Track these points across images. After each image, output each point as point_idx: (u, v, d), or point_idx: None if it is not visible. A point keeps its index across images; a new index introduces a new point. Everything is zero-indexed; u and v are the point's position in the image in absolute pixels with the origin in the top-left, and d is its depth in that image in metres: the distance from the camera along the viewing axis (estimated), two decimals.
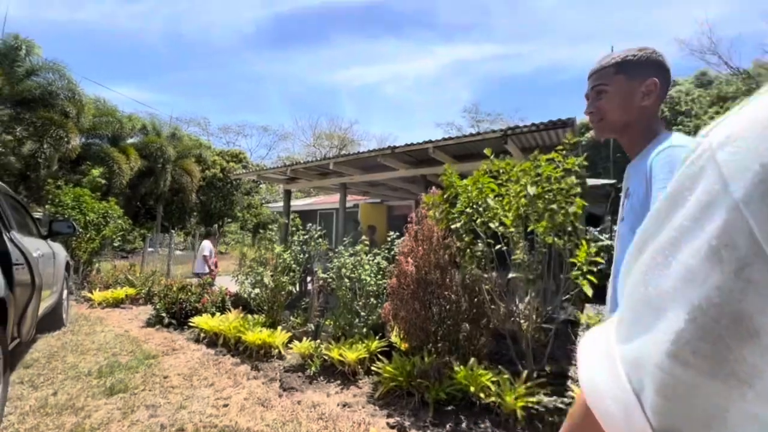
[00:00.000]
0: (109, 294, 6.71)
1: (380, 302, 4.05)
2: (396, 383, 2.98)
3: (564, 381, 3.35)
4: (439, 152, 5.26)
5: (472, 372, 2.86)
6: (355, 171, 6.83)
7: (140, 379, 3.31)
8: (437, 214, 3.21)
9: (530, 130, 4.35)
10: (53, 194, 8.16)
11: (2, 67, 12.51)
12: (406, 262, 3.41)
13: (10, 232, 2.92)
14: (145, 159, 18.77)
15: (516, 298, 3.23)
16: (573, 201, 2.84)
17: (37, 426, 2.47)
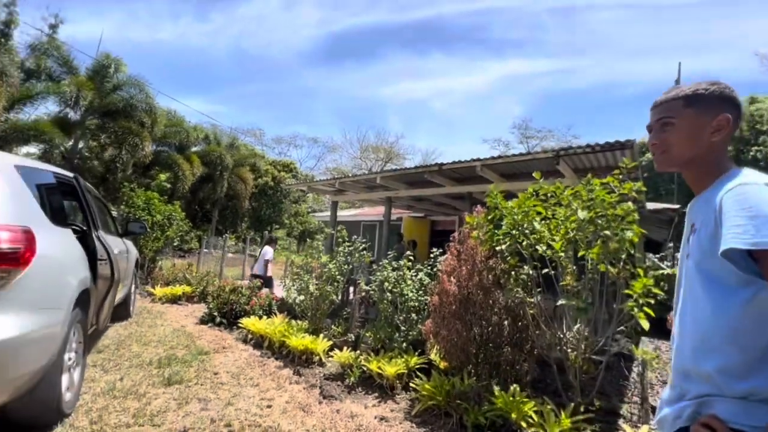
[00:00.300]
0: (169, 290, 7.28)
1: (421, 318, 4.05)
2: (434, 402, 2.96)
3: (614, 419, 3.14)
4: (487, 170, 5.22)
5: (513, 399, 2.77)
6: (400, 185, 6.93)
7: (194, 372, 3.56)
8: (481, 234, 3.19)
9: (584, 151, 4.20)
10: (128, 196, 9.07)
11: (94, 83, 14.21)
12: (448, 281, 3.41)
13: (97, 231, 3.31)
14: (206, 166, 20.26)
15: (563, 325, 3.10)
16: (629, 227, 2.71)
17: (106, 407, 2.75)
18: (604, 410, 3.11)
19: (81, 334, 2.83)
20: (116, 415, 2.66)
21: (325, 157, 42.89)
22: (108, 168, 15.72)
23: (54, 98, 13.75)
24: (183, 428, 2.55)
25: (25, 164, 2.53)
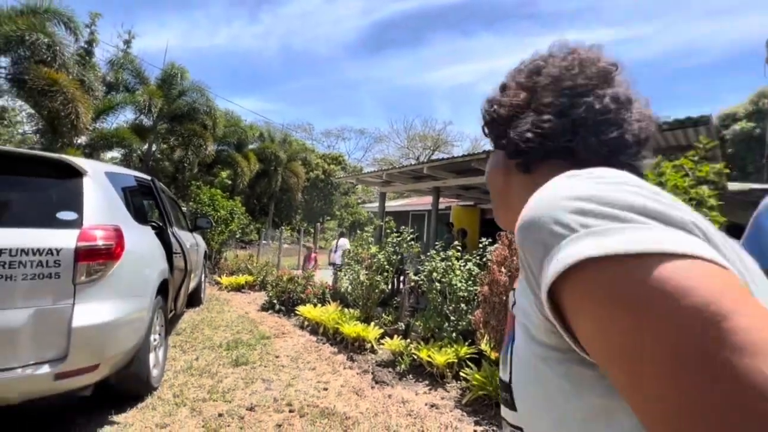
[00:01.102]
0: (233, 279, 7.89)
1: (470, 308, 4.03)
2: (484, 392, 2.96)
3: None
4: None
5: None
6: (448, 175, 6.85)
7: (257, 355, 3.87)
8: None
9: None
10: (195, 193, 9.91)
11: (163, 91, 15.56)
12: (498, 271, 3.35)
13: (172, 227, 3.69)
14: (261, 162, 21.43)
15: None
16: (708, 214, 2.47)
17: (186, 383, 3.09)
18: None
19: (162, 318, 3.20)
20: (194, 390, 2.99)
21: (372, 147, 43.30)
22: (177, 168, 17.24)
23: (130, 107, 15.29)
24: (250, 405, 2.80)
25: (113, 170, 2.89)
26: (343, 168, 28.07)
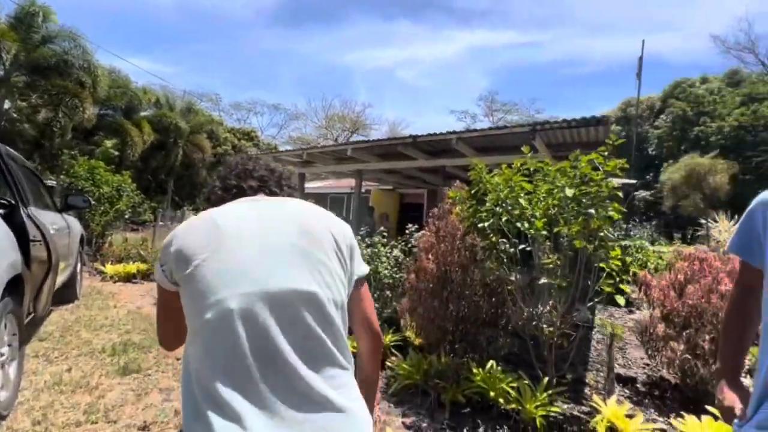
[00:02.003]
0: (122, 268, 6.74)
1: (395, 295, 3.98)
2: (411, 381, 2.92)
3: (582, 387, 3.27)
4: (462, 144, 5.09)
5: (490, 375, 2.79)
6: (372, 158, 6.69)
7: (153, 360, 3.29)
8: (463, 210, 3.08)
9: (560, 126, 4.16)
10: (68, 165, 8.16)
11: (18, 33, 12.39)
12: (426, 258, 3.31)
13: (27, 208, 2.86)
14: (158, 133, 18.74)
15: (539, 301, 3.13)
16: (611, 206, 2.70)
17: (51, 404, 2.46)
18: (573, 380, 3.23)
19: (15, 325, 2.47)
20: (64, 412, 2.39)
21: (288, 125, 41.15)
22: (43, 132, 14.09)
23: None
24: (143, 423, 2.33)
25: None
26: (255, 145, 26.12)
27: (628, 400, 3.07)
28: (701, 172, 16.49)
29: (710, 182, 16.25)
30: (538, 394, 2.59)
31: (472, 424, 2.57)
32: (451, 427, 2.54)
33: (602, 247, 2.81)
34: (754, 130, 19.69)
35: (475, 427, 2.55)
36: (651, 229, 15.70)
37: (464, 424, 2.57)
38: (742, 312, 1.12)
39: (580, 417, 2.74)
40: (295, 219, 0.84)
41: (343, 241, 0.87)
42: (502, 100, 33.83)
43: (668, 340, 3.17)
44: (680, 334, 3.12)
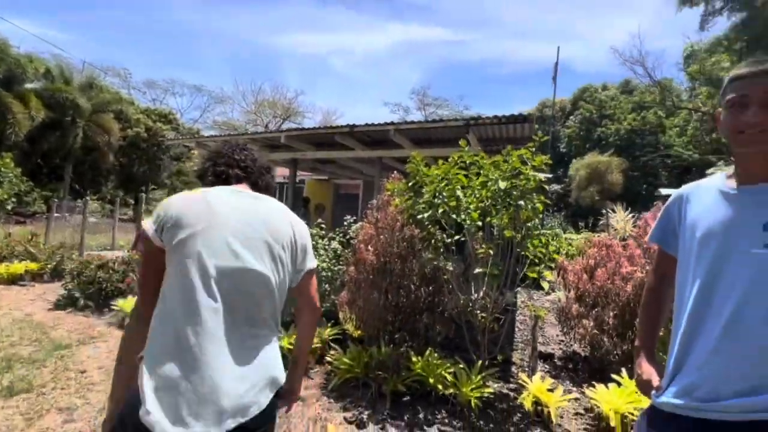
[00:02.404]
0: (4, 268, 5.69)
1: (333, 288, 3.89)
2: (352, 374, 2.88)
3: (509, 366, 3.53)
4: (399, 135, 5.12)
5: (429, 363, 2.86)
6: (307, 147, 6.43)
7: (49, 375, 2.82)
8: (402, 202, 3.09)
9: (492, 122, 4.38)
10: None
11: None
12: (366, 250, 3.28)
13: None
14: (50, 109, 16.10)
15: (472, 288, 3.28)
16: (536, 198, 2.90)
17: None
18: (503, 361, 3.46)
19: None
20: None
21: (213, 108, 38.18)
22: None
23: None
24: None
25: None
26: (174, 128, 23.76)
27: (548, 374, 3.38)
28: (601, 169, 18.84)
29: (608, 178, 18.64)
30: (473, 377, 2.72)
31: (413, 412, 2.62)
32: (392, 416, 2.56)
33: (529, 237, 3.02)
34: (642, 134, 22.99)
35: (415, 414, 2.61)
36: (560, 219, 17.52)
37: (405, 413, 2.61)
38: (657, 296, 1.24)
39: (509, 394, 2.95)
40: (267, 217, 1.08)
41: (299, 241, 1.13)
42: (433, 95, 34.98)
43: (581, 318, 3.53)
44: (590, 313, 3.50)
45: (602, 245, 3.74)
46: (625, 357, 3.22)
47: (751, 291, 0.88)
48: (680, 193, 1.12)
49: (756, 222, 0.90)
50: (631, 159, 20.93)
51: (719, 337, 0.92)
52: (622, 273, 3.39)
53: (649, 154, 21.59)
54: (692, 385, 0.96)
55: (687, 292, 1.02)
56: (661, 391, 1.05)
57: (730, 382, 0.89)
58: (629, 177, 19.92)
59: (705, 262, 0.98)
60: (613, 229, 9.55)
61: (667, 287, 1.19)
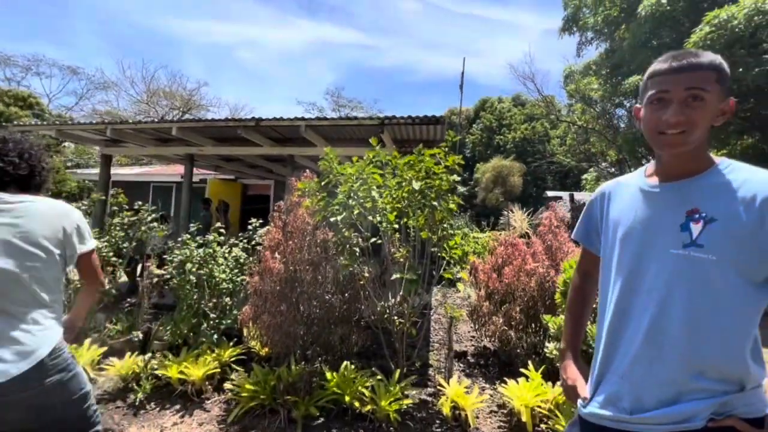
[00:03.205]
0: None
1: (236, 302, 3.43)
2: (257, 401, 2.51)
3: (426, 370, 3.48)
4: (312, 132, 4.80)
5: (345, 378, 2.63)
6: (207, 141, 5.70)
7: None
8: (314, 203, 2.82)
9: (406, 122, 4.34)
10: None
11: None
12: (272, 257, 2.92)
13: None
14: None
15: (390, 293, 3.15)
16: (450, 198, 2.88)
17: None
18: (421, 365, 3.40)
19: None
20: None
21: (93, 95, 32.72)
22: None
23: None
24: None
25: None
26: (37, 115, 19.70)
27: (463, 373, 3.42)
28: (504, 172, 20.75)
29: (510, 180, 20.62)
30: (392, 388, 2.57)
31: None
32: None
33: (445, 238, 3.00)
34: (533, 142, 26.03)
35: None
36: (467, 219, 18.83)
37: None
38: (581, 295, 1.21)
39: (427, 401, 2.87)
40: (26, 223, 1.24)
41: (68, 230, 1.34)
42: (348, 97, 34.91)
43: (491, 315, 3.66)
44: (499, 309, 3.65)
45: (509, 244, 3.94)
46: (530, 349, 3.40)
47: (669, 295, 0.86)
48: (602, 190, 1.09)
49: (674, 221, 0.87)
50: (524, 164, 23.50)
51: (640, 344, 0.88)
52: (527, 269, 3.59)
53: (539, 160, 24.50)
54: (616, 394, 0.92)
55: (609, 293, 0.98)
56: (587, 401, 0.99)
57: (652, 390, 0.86)
58: (524, 180, 22.32)
59: (626, 263, 0.94)
60: (512, 228, 10.49)
61: (592, 285, 1.16)
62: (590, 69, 14.19)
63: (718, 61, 0.85)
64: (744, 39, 6.56)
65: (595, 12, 12.83)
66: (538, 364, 2.91)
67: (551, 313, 3.08)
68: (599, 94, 13.56)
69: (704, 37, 6.93)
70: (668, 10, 8.44)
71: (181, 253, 3.30)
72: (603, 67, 13.32)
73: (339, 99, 32.48)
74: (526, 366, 2.87)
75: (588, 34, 13.80)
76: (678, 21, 8.79)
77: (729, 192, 0.82)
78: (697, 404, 0.82)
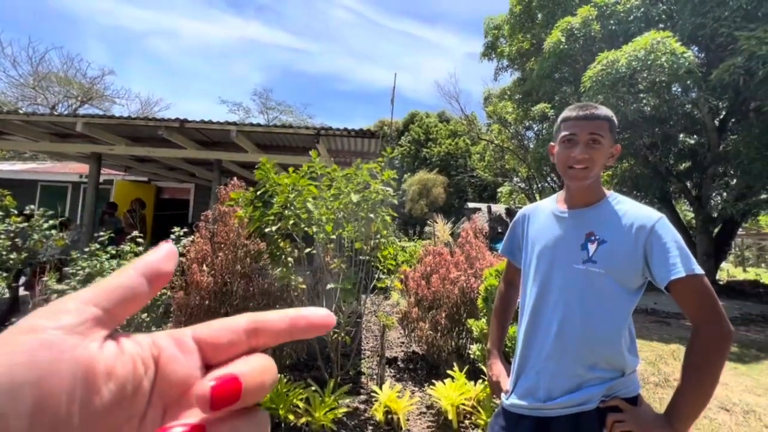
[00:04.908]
0: None
1: (152, 319, 3.15)
2: None
3: (359, 378, 3.55)
4: (243, 137, 4.62)
5: (278, 391, 2.59)
6: (119, 139, 5.13)
7: None
8: (247, 214, 2.74)
9: (342, 134, 4.41)
10: None
11: None
12: (199, 271, 2.76)
13: None
14: None
15: (324, 303, 3.17)
16: (385, 210, 3.02)
17: None
18: (355, 374, 3.46)
19: None
20: None
21: None
22: None
23: None
24: None
25: None
26: None
27: (393, 378, 3.55)
28: (429, 185, 21.92)
29: (433, 192, 21.83)
30: (326, 398, 2.59)
31: None
32: None
33: (378, 249, 3.12)
34: (456, 156, 27.91)
35: None
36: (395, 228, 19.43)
37: None
38: (505, 302, 1.40)
39: (360, 408, 2.94)
40: None
41: None
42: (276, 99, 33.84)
43: (419, 321, 3.86)
44: (427, 315, 3.87)
45: (436, 253, 4.21)
46: (455, 351, 3.67)
47: (571, 302, 1.07)
48: (524, 212, 1.29)
49: (576, 241, 1.09)
50: (448, 177, 25.04)
51: (551, 343, 1.08)
52: (451, 278, 3.87)
53: (461, 173, 26.31)
54: (533, 387, 1.10)
55: (526, 301, 1.18)
56: (509, 394, 1.16)
57: (561, 382, 1.06)
58: (447, 192, 23.76)
59: (540, 275, 1.14)
60: (436, 237, 11.12)
61: (514, 292, 1.36)
62: (506, 94, 15.75)
63: (610, 114, 1.10)
64: (625, 79, 7.90)
65: (510, 43, 14.32)
66: (462, 365, 3.16)
67: (473, 317, 3.38)
68: (513, 117, 15.11)
69: (596, 74, 8.18)
70: (566, 48, 9.79)
71: (88, 264, 2.95)
72: (516, 93, 14.89)
73: (267, 101, 31.32)
74: (452, 367, 3.10)
75: (504, 61, 15.33)
76: (574, 59, 10.24)
77: (615, 220, 1.06)
78: (592, 390, 1.03)
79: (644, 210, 1.06)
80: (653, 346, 5.20)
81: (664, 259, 0.98)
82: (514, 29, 13.43)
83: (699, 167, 10.79)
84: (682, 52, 7.41)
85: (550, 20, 11.48)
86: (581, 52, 9.89)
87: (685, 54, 7.42)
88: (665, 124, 9.70)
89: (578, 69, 10.08)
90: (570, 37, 9.80)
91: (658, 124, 9.56)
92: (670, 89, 8.74)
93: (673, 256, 0.97)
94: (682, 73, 7.42)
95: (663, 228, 1.01)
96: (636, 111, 8.40)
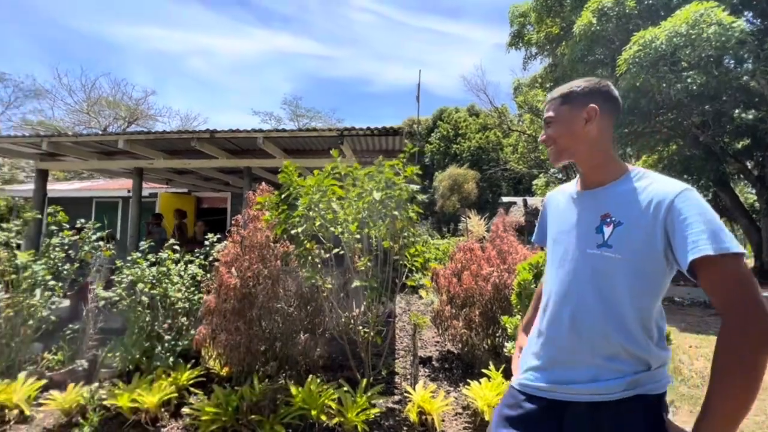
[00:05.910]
0: None
1: (193, 321, 3.29)
2: (219, 424, 2.41)
3: (393, 378, 3.51)
4: (270, 143, 4.73)
5: (311, 392, 2.60)
6: (157, 153, 5.43)
7: None
8: (274, 216, 2.79)
9: (365, 133, 4.41)
10: None
11: None
12: (228, 273, 2.84)
13: None
14: None
15: (353, 303, 3.16)
16: (411, 207, 2.96)
17: None
18: (387, 374, 3.42)
19: None
20: None
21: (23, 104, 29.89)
22: None
23: None
24: None
25: None
26: None
27: (428, 377, 3.48)
28: (460, 180, 21.49)
29: (465, 187, 21.38)
30: (358, 398, 2.58)
31: None
32: None
33: (406, 246, 3.07)
34: (487, 150, 27.20)
35: None
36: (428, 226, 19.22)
37: None
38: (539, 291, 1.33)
39: (394, 409, 2.90)
40: None
41: None
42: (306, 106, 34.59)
43: (452, 319, 3.77)
44: (460, 313, 3.77)
45: (466, 249, 4.09)
46: (490, 350, 3.54)
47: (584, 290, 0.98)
48: (548, 197, 1.23)
49: (591, 224, 1.01)
50: (480, 171, 24.47)
51: (565, 335, 1.01)
52: (483, 274, 3.75)
53: (493, 167, 25.61)
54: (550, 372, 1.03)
55: (547, 287, 1.11)
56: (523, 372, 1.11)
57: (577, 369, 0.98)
58: (480, 187, 23.22)
59: (555, 261, 1.08)
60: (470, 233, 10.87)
61: None
62: (536, 82, 15.16)
63: (566, 89, 1.06)
64: (666, 57, 7.33)
65: (537, 29, 13.76)
66: (499, 364, 3.04)
67: (508, 314, 3.24)
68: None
69: (633, 55, 7.66)
70: (599, 29, 9.24)
71: (131, 272, 3.12)
72: (547, 80, 14.29)
73: (297, 109, 32.11)
74: (488, 366, 2.99)
75: (532, 49, 14.76)
76: (609, 40, 9.66)
77: (633, 198, 0.95)
78: (610, 383, 0.93)
79: (666, 184, 0.93)
80: (710, 341, 4.78)
81: (684, 237, 0.84)
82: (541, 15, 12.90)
83: (760, 144, 9.84)
84: (731, 22, 6.77)
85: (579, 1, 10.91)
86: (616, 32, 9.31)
87: (734, 24, 6.77)
88: (716, 100, 8.88)
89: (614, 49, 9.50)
90: (602, 17, 9.25)
91: (709, 101, 8.78)
92: (720, 63, 7.99)
93: (695, 232, 0.83)
94: (733, 44, 6.78)
95: (685, 201, 0.87)
96: (681, 90, 7.77)
